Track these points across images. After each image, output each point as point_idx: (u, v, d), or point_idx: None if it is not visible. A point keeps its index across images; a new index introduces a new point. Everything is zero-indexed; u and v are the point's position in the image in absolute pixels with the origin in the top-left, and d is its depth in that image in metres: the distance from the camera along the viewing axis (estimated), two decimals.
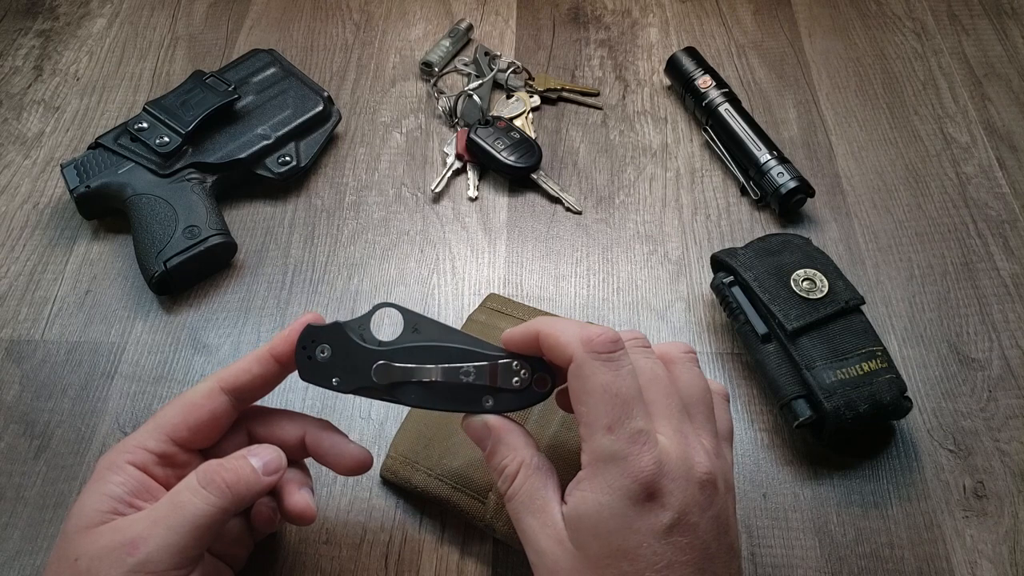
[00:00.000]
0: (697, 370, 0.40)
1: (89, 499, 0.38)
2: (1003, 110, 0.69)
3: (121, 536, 0.36)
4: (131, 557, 0.35)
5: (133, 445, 0.40)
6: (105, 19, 0.78)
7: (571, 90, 0.71)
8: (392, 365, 0.40)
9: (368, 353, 0.40)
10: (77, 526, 0.37)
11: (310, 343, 0.41)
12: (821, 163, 0.66)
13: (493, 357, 0.40)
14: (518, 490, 0.38)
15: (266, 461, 0.40)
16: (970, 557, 0.47)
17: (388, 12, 0.78)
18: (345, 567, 0.47)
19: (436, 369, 0.40)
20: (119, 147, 0.62)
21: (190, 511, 0.37)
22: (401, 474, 0.48)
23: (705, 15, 0.77)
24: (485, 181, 0.65)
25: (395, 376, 0.40)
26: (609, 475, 0.35)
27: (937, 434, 0.52)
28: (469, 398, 0.40)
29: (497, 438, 0.39)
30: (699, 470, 0.36)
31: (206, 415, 0.41)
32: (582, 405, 0.37)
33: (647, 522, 0.35)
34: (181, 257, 0.57)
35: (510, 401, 0.40)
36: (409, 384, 0.40)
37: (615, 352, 0.37)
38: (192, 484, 0.38)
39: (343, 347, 0.41)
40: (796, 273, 0.52)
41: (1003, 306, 0.57)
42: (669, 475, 0.35)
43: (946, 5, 0.77)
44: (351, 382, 0.41)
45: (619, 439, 0.35)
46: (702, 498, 0.36)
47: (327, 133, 0.66)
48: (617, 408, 0.36)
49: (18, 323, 0.58)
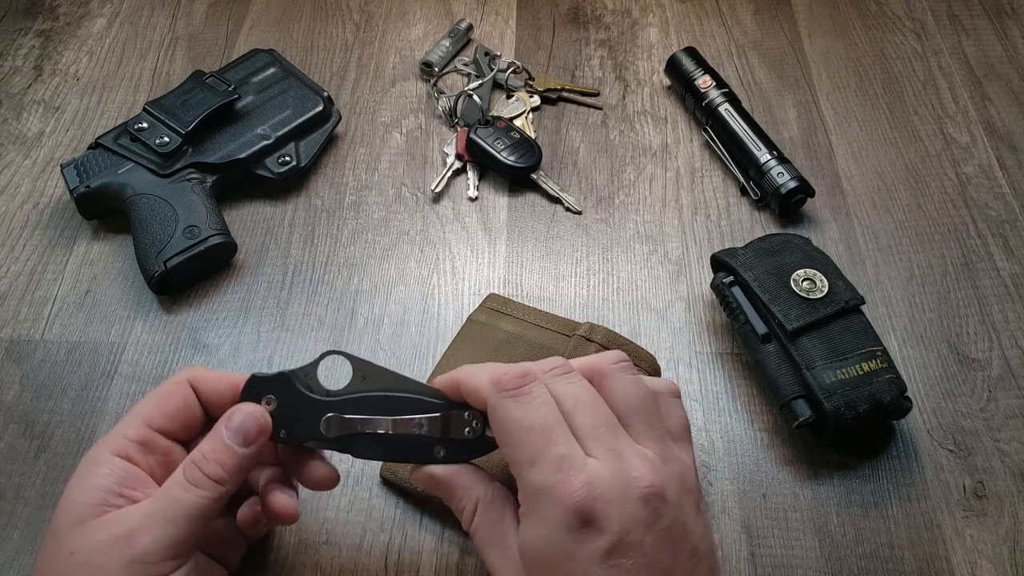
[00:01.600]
0: (630, 377, 0.39)
1: (78, 494, 0.38)
2: (1003, 110, 0.69)
3: (118, 529, 0.36)
4: (130, 550, 0.36)
5: (113, 436, 0.40)
6: (105, 19, 0.78)
7: (571, 90, 0.71)
8: (342, 417, 0.40)
9: (316, 404, 0.40)
10: (69, 521, 0.37)
11: (255, 394, 0.40)
12: (821, 163, 0.66)
13: (444, 407, 0.40)
14: (478, 526, 0.38)
15: (244, 433, 0.39)
16: (970, 557, 0.47)
17: (388, 12, 0.78)
18: (345, 567, 0.47)
19: (387, 421, 0.39)
20: (119, 147, 0.62)
21: (184, 505, 0.37)
22: (401, 474, 0.48)
23: (705, 15, 0.77)
24: (485, 181, 0.65)
25: (345, 428, 0.40)
26: (542, 508, 0.35)
27: (937, 434, 0.52)
28: (420, 449, 0.40)
29: (448, 485, 0.40)
30: (638, 486, 0.35)
31: (178, 402, 0.41)
32: (505, 445, 0.37)
33: (586, 549, 0.34)
34: (181, 257, 0.57)
35: (462, 451, 0.40)
36: (359, 436, 0.40)
37: (524, 386, 0.37)
38: (181, 480, 0.38)
39: (290, 398, 0.40)
40: (796, 273, 0.52)
41: (1003, 306, 0.57)
42: (602, 497, 0.35)
43: (946, 5, 0.77)
44: (299, 435, 0.40)
45: (543, 470, 0.35)
46: (645, 514, 0.35)
47: (327, 133, 0.66)
48: (535, 440, 0.36)
49: (18, 323, 0.58)
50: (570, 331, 0.53)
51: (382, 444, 0.40)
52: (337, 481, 0.42)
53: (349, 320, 0.57)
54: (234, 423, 0.39)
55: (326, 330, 0.57)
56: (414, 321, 0.57)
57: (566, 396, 0.38)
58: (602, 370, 0.40)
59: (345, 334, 0.57)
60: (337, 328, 0.57)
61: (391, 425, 0.39)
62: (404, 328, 0.57)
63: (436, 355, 0.55)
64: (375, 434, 0.40)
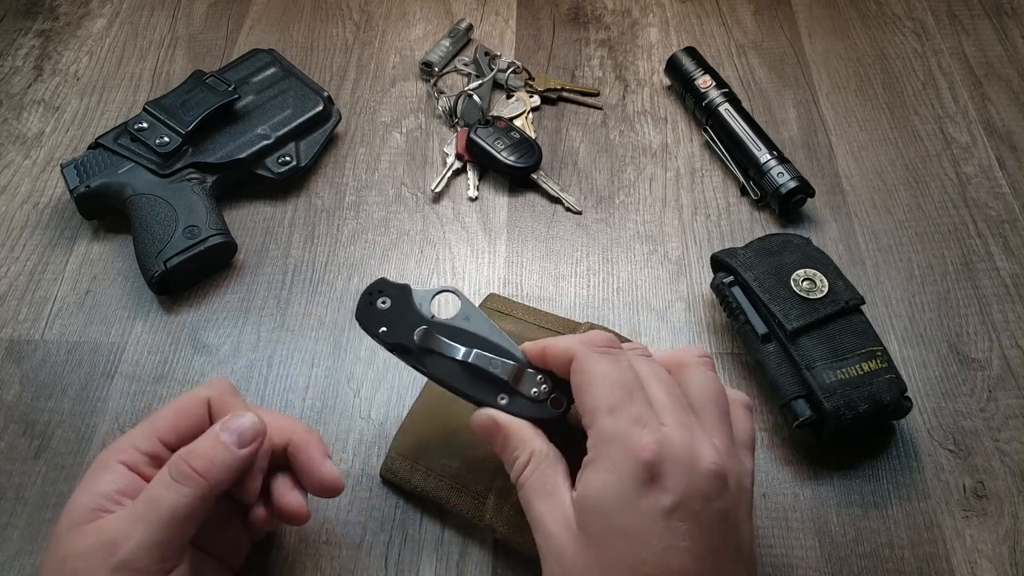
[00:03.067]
0: (711, 374, 0.40)
1: (79, 497, 0.38)
2: (1003, 110, 0.69)
3: (104, 535, 0.36)
4: (113, 557, 0.35)
5: (125, 444, 0.40)
6: (105, 19, 0.78)
7: (571, 90, 0.71)
8: (434, 334, 0.43)
9: (419, 318, 0.44)
10: (67, 524, 0.37)
11: (377, 292, 0.44)
12: (821, 163, 0.66)
13: (523, 364, 0.42)
14: (529, 477, 0.39)
15: (240, 433, 0.39)
16: (970, 557, 0.47)
17: (388, 12, 0.78)
18: (345, 567, 0.47)
19: (470, 351, 0.42)
20: (119, 147, 0.62)
21: (166, 505, 0.37)
22: (401, 474, 0.48)
23: (705, 15, 0.77)
24: (485, 181, 0.65)
25: (432, 344, 0.43)
26: (612, 454, 0.36)
27: (937, 434, 0.52)
28: (487, 390, 0.42)
29: (507, 432, 0.40)
30: (705, 461, 0.36)
31: (194, 421, 0.41)
32: (585, 395, 0.38)
33: (647, 502, 0.35)
34: (181, 257, 0.57)
35: (523, 407, 0.41)
36: (441, 357, 0.43)
37: (613, 348, 0.39)
38: (165, 478, 0.38)
39: (401, 305, 0.44)
40: (796, 273, 0.52)
41: (1003, 306, 0.57)
42: (670, 459, 0.35)
43: (946, 5, 0.77)
44: (394, 336, 0.43)
45: (620, 420, 0.36)
46: (707, 488, 0.36)
47: (327, 133, 0.66)
48: (618, 392, 0.37)
49: (18, 323, 0.58)
50: (570, 331, 0.53)
51: (455, 371, 0.42)
52: (342, 488, 0.43)
53: (349, 320, 0.57)
54: (231, 424, 0.40)
55: (326, 330, 0.57)
56: None
57: (646, 372, 0.39)
58: (683, 360, 0.41)
59: (345, 334, 0.57)
60: (337, 328, 0.57)
61: (472, 355, 0.42)
62: None
63: None
64: (452, 360, 0.42)
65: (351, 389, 0.54)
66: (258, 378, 0.55)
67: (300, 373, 0.55)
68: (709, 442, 0.37)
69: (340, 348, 0.56)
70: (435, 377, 0.43)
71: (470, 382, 0.42)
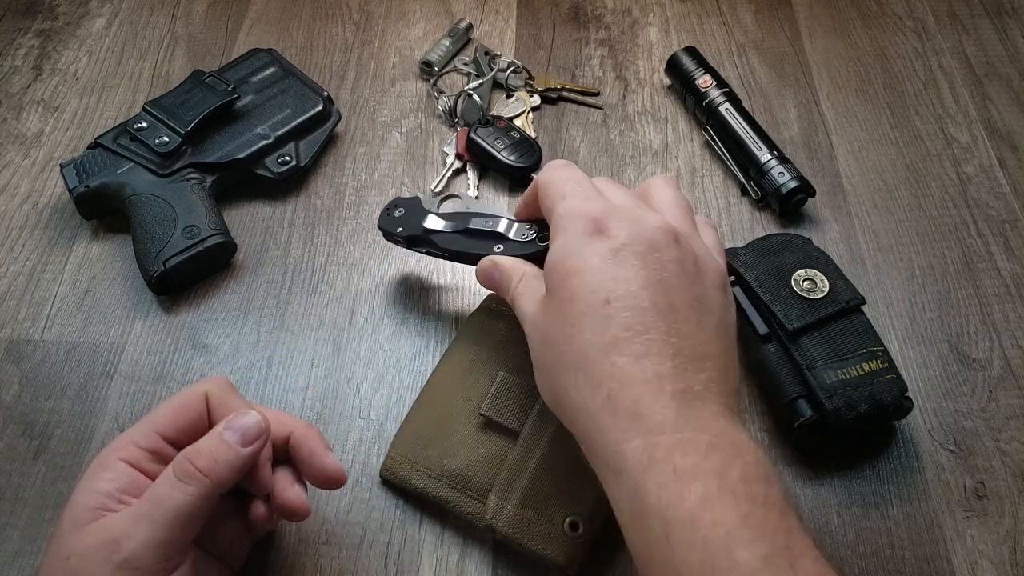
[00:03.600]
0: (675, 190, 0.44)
1: (80, 496, 0.38)
2: (1004, 110, 0.69)
3: (106, 534, 0.36)
4: (116, 555, 0.35)
5: (125, 442, 0.40)
6: (105, 19, 0.78)
7: (571, 90, 0.71)
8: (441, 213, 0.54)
9: (427, 213, 0.54)
10: (69, 524, 0.37)
11: (393, 206, 0.55)
12: (821, 163, 0.66)
13: (513, 220, 0.50)
14: (518, 287, 0.45)
15: (243, 432, 0.39)
16: (970, 557, 0.47)
17: (388, 12, 0.78)
18: (345, 567, 0.47)
19: (468, 218, 0.52)
20: (119, 147, 0.61)
21: (170, 504, 0.37)
22: (401, 474, 0.48)
23: (705, 15, 0.77)
24: (485, 181, 0.65)
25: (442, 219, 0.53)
26: (566, 224, 0.41)
27: (937, 434, 0.52)
28: (485, 247, 0.50)
29: (503, 268, 0.46)
30: (652, 222, 0.40)
31: (193, 416, 0.41)
32: (544, 199, 0.44)
33: (595, 246, 0.39)
34: (181, 257, 0.56)
35: (514, 248, 0.49)
36: (447, 234, 0.52)
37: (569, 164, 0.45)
38: (169, 477, 0.38)
39: (413, 210, 0.55)
40: (797, 273, 0.52)
41: (1004, 306, 0.57)
42: (617, 216, 0.40)
43: (946, 5, 0.77)
44: (408, 231, 0.54)
45: (574, 199, 0.42)
46: (654, 237, 0.39)
47: (327, 133, 0.66)
48: (571, 183, 0.43)
49: (17, 323, 0.58)
50: None
51: (459, 239, 0.52)
52: (345, 479, 0.43)
53: (349, 320, 0.57)
54: (234, 422, 0.40)
55: (326, 330, 0.57)
56: (414, 321, 0.57)
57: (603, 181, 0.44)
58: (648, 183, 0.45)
59: (345, 334, 0.57)
60: (337, 328, 0.57)
61: (470, 221, 0.52)
62: (404, 328, 0.57)
63: (436, 355, 0.55)
64: (455, 233, 0.52)
65: (351, 389, 0.54)
66: (257, 378, 0.55)
67: (300, 373, 0.55)
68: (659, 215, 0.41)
69: (340, 348, 0.56)
70: (445, 249, 0.52)
71: (473, 244, 0.51)
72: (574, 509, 0.45)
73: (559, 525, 0.45)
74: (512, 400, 0.48)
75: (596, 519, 0.46)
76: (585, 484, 0.46)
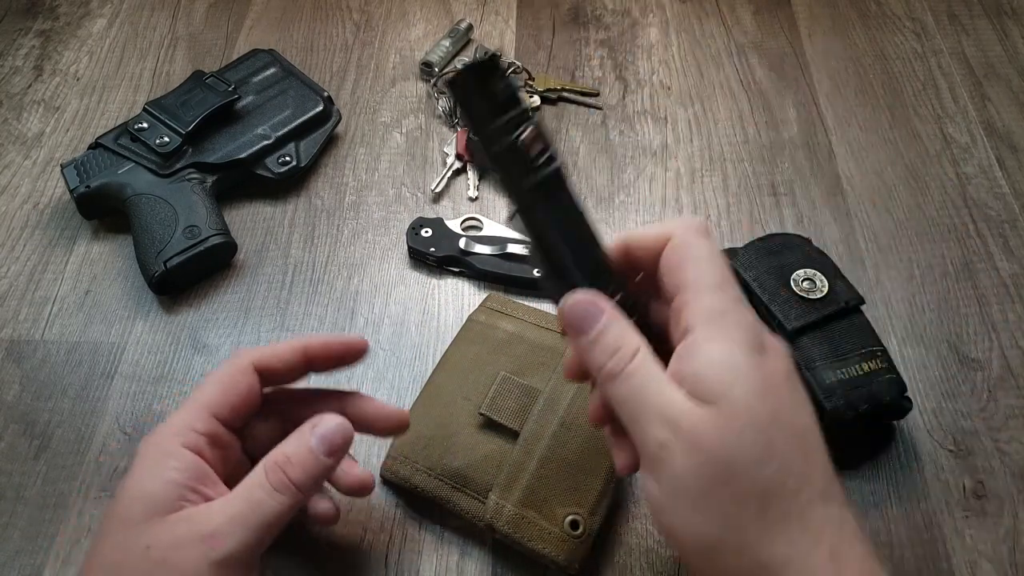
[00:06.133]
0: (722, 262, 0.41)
1: (151, 484, 0.37)
2: (1003, 110, 0.69)
3: (199, 528, 0.36)
4: (213, 552, 0.35)
5: (182, 427, 0.39)
6: (105, 19, 0.78)
7: (571, 90, 0.71)
8: (473, 241, 0.58)
9: (455, 236, 0.59)
10: (143, 511, 0.36)
11: (418, 226, 0.60)
12: (821, 163, 0.66)
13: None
14: (637, 369, 0.36)
15: (331, 443, 0.39)
16: (970, 557, 0.47)
17: (388, 12, 0.78)
18: (345, 567, 0.47)
19: (504, 239, 0.58)
20: (119, 147, 0.62)
21: (268, 511, 0.37)
22: (401, 474, 0.48)
23: (705, 15, 0.77)
24: (485, 181, 0.65)
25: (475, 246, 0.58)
26: (726, 327, 0.35)
27: (937, 434, 0.52)
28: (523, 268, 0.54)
29: (612, 316, 0.37)
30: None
31: (244, 391, 0.40)
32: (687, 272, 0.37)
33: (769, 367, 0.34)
34: (181, 257, 0.57)
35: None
36: (481, 256, 0.57)
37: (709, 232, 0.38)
38: (265, 485, 0.37)
39: (441, 231, 0.59)
40: (796, 273, 0.52)
41: (1003, 306, 0.57)
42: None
43: (946, 5, 0.77)
44: (443, 251, 0.58)
45: (727, 297, 0.36)
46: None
47: (327, 133, 0.66)
48: (721, 271, 0.37)
49: (18, 323, 0.58)
50: None
51: (496, 262, 0.57)
52: (372, 486, 0.44)
53: (349, 320, 0.57)
54: (322, 431, 0.39)
55: (326, 330, 0.57)
56: (414, 321, 0.57)
57: None
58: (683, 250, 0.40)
59: (345, 334, 0.57)
60: (337, 328, 0.57)
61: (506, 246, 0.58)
62: (404, 328, 0.57)
63: (436, 355, 0.55)
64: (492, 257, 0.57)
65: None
66: None
67: None
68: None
69: None
70: (481, 271, 0.57)
71: (512, 267, 0.56)
72: (574, 508, 0.46)
73: (559, 524, 0.45)
74: (512, 400, 0.49)
75: (596, 518, 0.46)
76: (585, 483, 0.46)
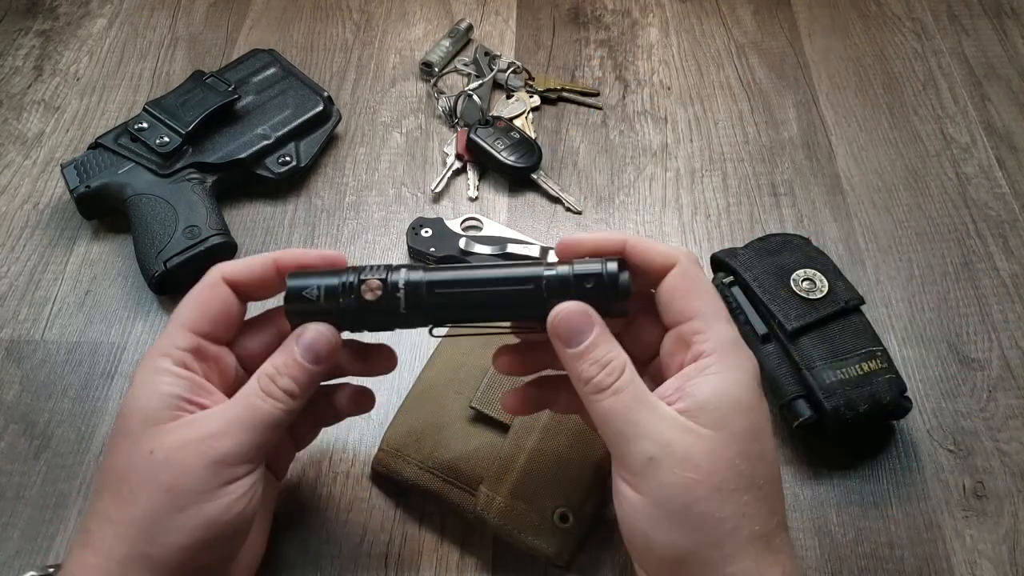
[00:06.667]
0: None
1: (146, 399, 0.38)
2: (1003, 110, 0.69)
3: (198, 431, 0.37)
4: (212, 451, 0.37)
5: (165, 347, 0.39)
6: (105, 19, 0.78)
7: (571, 90, 0.71)
8: (472, 241, 0.58)
9: (455, 236, 0.59)
10: (142, 422, 0.37)
11: (418, 225, 0.60)
12: (821, 163, 0.66)
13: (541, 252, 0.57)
14: (627, 384, 0.37)
15: (315, 352, 0.40)
16: (970, 557, 0.47)
17: (388, 12, 0.78)
18: (345, 567, 0.47)
19: (504, 239, 0.57)
20: (119, 147, 0.62)
21: (262, 414, 0.38)
22: (392, 467, 0.48)
23: (705, 15, 0.77)
24: (485, 181, 0.65)
25: (474, 246, 0.58)
26: (738, 357, 0.38)
27: (937, 434, 0.52)
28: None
29: (602, 330, 0.38)
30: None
31: (218, 304, 0.41)
32: (698, 300, 0.38)
33: (764, 405, 0.38)
34: (181, 257, 0.57)
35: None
36: (481, 256, 0.57)
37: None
38: (258, 392, 0.39)
39: (440, 231, 0.59)
40: (796, 273, 0.52)
41: (1003, 306, 0.57)
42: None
43: (946, 5, 0.77)
44: (442, 251, 0.58)
45: (733, 329, 0.39)
46: None
47: (327, 133, 0.66)
48: (723, 305, 0.40)
49: (18, 323, 0.58)
50: None
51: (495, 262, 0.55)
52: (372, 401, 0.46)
53: None
54: (305, 340, 0.40)
55: None
56: None
57: None
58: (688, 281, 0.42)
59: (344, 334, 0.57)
60: None
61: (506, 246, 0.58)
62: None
63: None
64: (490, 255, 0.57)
65: None
66: None
67: None
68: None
69: None
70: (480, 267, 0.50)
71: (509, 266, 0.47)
72: (563, 501, 0.46)
73: (548, 516, 0.46)
74: (503, 394, 0.49)
75: (585, 511, 0.46)
76: (574, 476, 0.47)
